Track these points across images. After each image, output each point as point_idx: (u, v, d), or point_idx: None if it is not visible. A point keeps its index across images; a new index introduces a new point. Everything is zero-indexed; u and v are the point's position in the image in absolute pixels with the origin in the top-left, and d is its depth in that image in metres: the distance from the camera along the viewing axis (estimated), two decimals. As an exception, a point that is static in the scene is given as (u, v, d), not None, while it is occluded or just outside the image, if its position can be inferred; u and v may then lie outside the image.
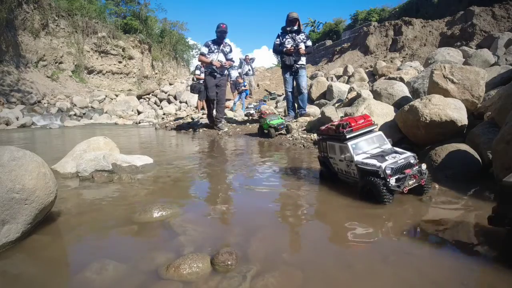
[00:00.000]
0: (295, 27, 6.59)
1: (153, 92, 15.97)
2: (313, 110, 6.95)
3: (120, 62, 24.83)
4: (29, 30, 19.12)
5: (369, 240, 1.80)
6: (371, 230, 1.91)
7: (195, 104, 13.92)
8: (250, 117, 8.33)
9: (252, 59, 14.15)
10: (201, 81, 10.67)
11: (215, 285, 1.37)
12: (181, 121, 9.80)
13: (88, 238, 1.94)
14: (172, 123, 9.82)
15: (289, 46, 6.49)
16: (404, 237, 1.81)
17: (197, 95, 10.87)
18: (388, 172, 2.12)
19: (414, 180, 2.20)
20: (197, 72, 11.29)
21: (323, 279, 1.41)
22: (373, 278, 1.41)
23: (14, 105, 14.33)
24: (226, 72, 7.48)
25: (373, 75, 9.82)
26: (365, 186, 2.25)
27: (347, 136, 2.42)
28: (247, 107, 10.59)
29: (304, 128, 5.97)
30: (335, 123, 2.61)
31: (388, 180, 2.11)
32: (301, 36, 6.60)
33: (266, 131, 5.84)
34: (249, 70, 13.82)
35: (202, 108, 11.04)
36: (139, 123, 12.00)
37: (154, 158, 4.00)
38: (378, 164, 2.17)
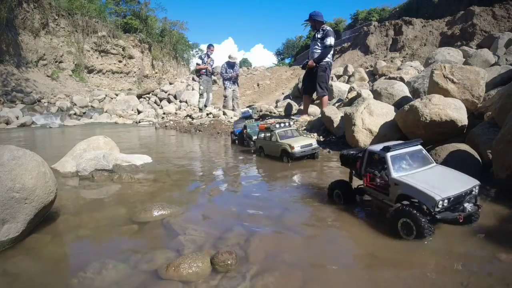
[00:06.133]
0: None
1: (153, 91, 15.96)
2: (313, 110, 6.95)
3: (120, 61, 24.80)
4: (29, 30, 19.09)
5: (370, 241, 1.80)
6: (371, 232, 1.91)
7: (195, 104, 13.87)
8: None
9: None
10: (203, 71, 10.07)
11: (215, 285, 1.37)
12: (182, 121, 9.79)
13: (88, 238, 1.94)
14: (171, 122, 9.81)
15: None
16: (402, 240, 1.81)
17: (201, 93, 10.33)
18: None
19: None
20: (199, 62, 10.43)
21: (323, 279, 1.41)
22: (372, 279, 1.41)
23: (14, 104, 14.30)
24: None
25: (373, 74, 9.81)
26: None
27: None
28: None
29: (304, 128, 5.97)
30: None
31: None
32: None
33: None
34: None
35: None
36: (139, 122, 11.99)
37: (154, 157, 4.01)
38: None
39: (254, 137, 4.98)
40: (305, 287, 1.35)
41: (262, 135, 4.33)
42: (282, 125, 4.23)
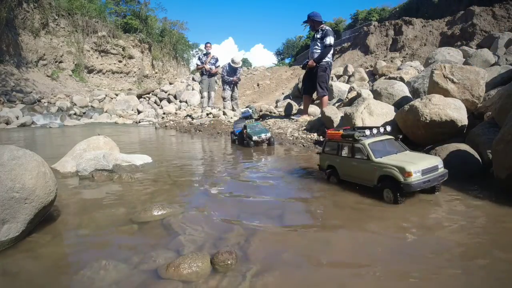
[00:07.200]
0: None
1: (153, 91, 15.96)
2: (313, 110, 6.95)
3: (120, 61, 24.81)
4: (29, 30, 19.09)
5: (369, 239, 1.80)
6: (372, 228, 1.91)
7: (195, 104, 13.85)
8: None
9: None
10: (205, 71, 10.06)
11: (215, 285, 1.37)
12: (182, 121, 9.78)
13: (88, 238, 1.94)
14: (171, 122, 9.80)
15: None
16: (403, 237, 1.81)
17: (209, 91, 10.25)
18: None
19: None
20: (198, 62, 10.44)
21: (323, 279, 1.41)
22: (373, 280, 1.41)
23: (14, 104, 14.29)
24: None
25: (373, 74, 9.81)
26: None
27: None
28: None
29: (304, 128, 5.97)
30: None
31: None
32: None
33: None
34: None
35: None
36: (139, 122, 11.99)
37: (153, 157, 4.00)
38: None
39: (254, 137, 4.91)
40: (305, 287, 1.35)
41: (335, 147, 2.74)
42: (375, 131, 2.55)
